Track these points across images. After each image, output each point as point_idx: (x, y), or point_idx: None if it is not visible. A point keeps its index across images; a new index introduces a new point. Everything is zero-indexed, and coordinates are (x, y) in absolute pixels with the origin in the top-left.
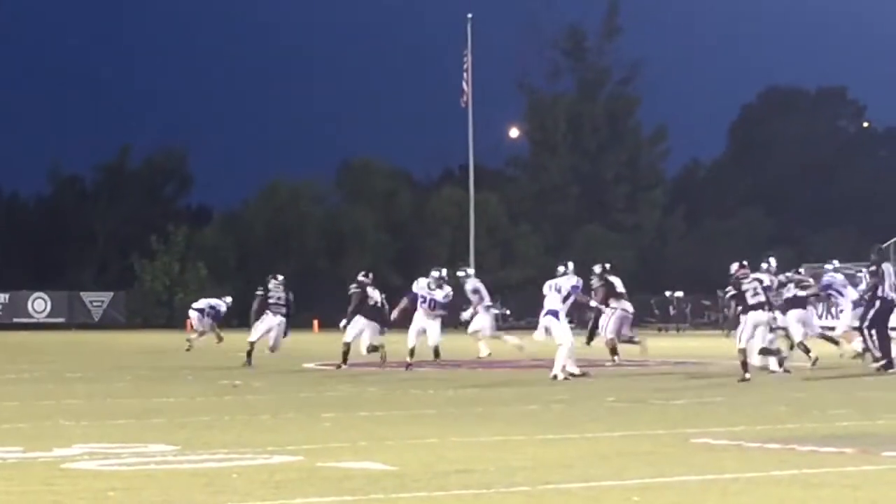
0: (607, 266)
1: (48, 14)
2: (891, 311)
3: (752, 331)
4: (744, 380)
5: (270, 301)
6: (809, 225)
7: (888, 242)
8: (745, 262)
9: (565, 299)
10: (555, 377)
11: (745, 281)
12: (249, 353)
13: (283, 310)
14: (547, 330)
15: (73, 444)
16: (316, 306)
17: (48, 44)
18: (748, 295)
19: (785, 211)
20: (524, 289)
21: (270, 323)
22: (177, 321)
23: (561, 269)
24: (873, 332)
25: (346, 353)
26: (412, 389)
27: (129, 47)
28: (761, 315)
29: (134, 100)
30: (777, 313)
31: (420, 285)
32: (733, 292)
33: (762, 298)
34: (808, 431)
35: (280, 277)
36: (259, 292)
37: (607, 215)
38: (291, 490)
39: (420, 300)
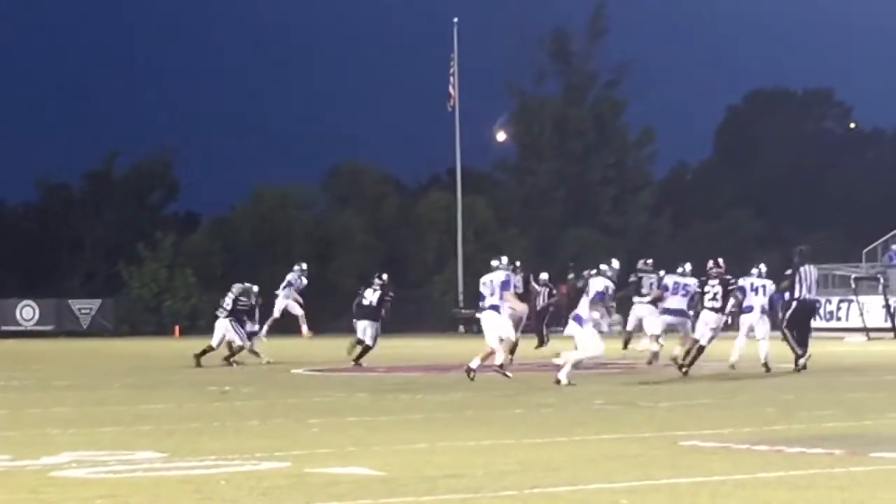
0: (517, 264)
1: (34, 21)
2: (810, 312)
3: (705, 328)
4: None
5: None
6: (797, 226)
7: (876, 242)
8: (719, 261)
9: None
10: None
11: (710, 283)
12: (200, 355)
13: (223, 313)
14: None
15: (61, 452)
16: (304, 311)
17: (34, 51)
18: (706, 297)
19: (772, 212)
20: None
21: (217, 326)
22: (165, 328)
23: (494, 262)
24: (793, 332)
25: (362, 352)
26: (401, 394)
27: (116, 54)
28: (711, 316)
29: (120, 107)
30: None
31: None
32: (699, 290)
33: (717, 304)
34: (796, 433)
35: (245, 285)
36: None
37: (595, 218)
38: (279, 496)
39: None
